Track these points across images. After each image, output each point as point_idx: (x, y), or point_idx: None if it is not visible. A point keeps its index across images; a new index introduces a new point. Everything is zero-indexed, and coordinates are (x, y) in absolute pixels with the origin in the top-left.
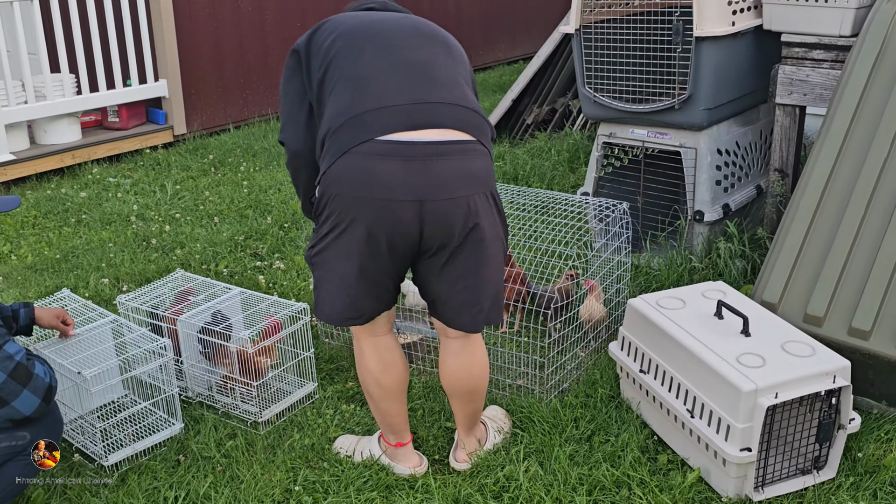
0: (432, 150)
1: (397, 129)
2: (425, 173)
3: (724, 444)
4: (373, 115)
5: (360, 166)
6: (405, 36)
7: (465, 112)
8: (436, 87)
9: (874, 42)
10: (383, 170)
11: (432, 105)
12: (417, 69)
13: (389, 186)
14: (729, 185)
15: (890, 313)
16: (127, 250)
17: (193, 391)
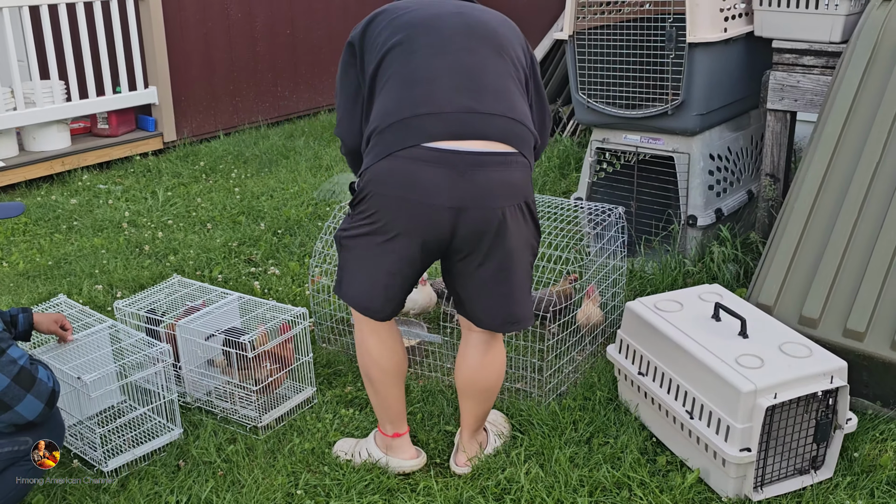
0: (475, 160)
1: (444, 138)
2: (466, 182)
3: (724, 444)
4: (421, 120)
5: (403, 169)
6: (460, 36)
7: (512, 124)
8: (486, 96)
9: (865, 49)
10: (426, 175)
11: (481, 116)
12: (468, 75)
13: (430, 191)
14: (721, 189)
15: (884, 315)
16: (120, 257)
17: (192, 396)
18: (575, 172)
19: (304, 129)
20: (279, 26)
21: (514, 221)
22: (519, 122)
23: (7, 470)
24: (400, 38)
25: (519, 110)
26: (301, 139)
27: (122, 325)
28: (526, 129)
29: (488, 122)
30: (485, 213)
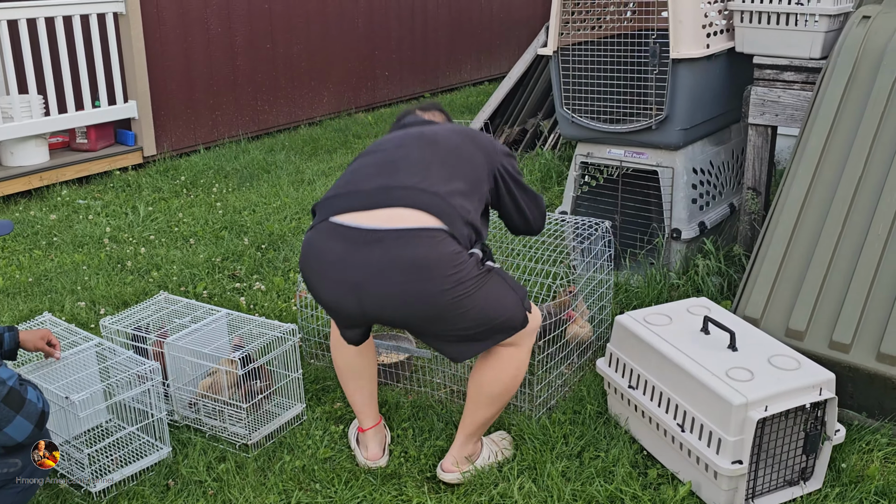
0: (372, 236)
1: (349, 211)
2: (362, 259)
3: (715, 457)
4: (335, 199)
5: (315, 241)
6: (400, 139)
7: (422, 194)
8: (400, 173)
9: (845, 65)
10: (330, 249)
11: (389, 189)
12: (390, 161)
13: (333, 265)
14: (704, 203)
15: (869, 327)
16: (102, 273)
17: (180, 414)
18: (556, 186)
19: (285, 143)
20: (259, 41)
21: (432, 297)
22: (431, 192)
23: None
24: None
25: (435, 183)
26: (282, 153)
27: (109, 343)
28: (438, 198)
29: (395, 194)
30: (383, 294)
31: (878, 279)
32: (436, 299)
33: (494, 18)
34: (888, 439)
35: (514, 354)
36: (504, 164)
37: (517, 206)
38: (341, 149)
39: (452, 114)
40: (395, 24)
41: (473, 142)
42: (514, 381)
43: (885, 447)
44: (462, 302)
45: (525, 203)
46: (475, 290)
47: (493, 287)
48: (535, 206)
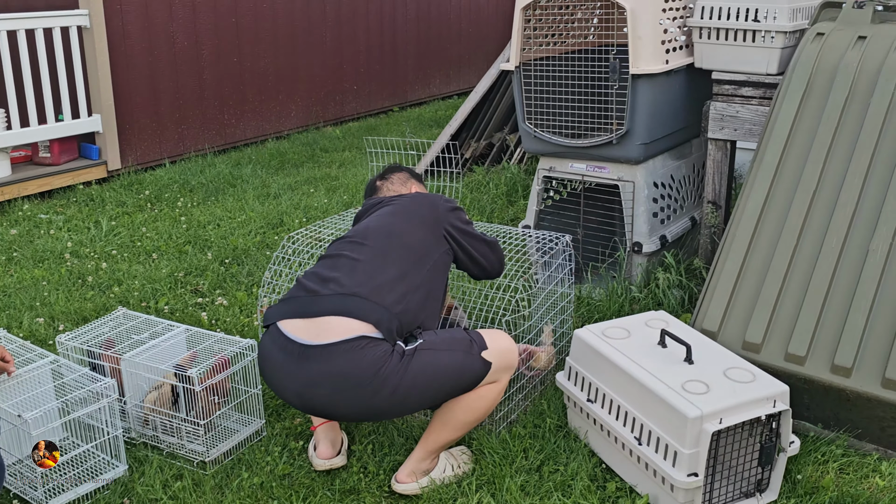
0: (304, 352)
1: (285, 317)
2: (297, 371)
3: (671, 469)
4: (285, 303)
5: (265, 346)
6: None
7: (353, 301)
8: (333, 281)
9: (800, 81)
10: (274, 357)
11: (321, 297)
12: (332, 267)
13: (276, 372)
14: (665, 216)
15: (823, 339)
16: (62, 288)
17: (137, 431)
18: (522, 199)
19: (251, 156)
20: (226, 54)
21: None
22: (360, 296)
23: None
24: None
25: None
26: (248, 167)
27: (65, 360)
28: (365, 301)
29: (328, 301)
30: (321, 401)
31: (832, 292)
32: (369, 402)
33: (463, 33)
34: (843, 450)
35: (491, 388)
36: (451, 221)
37: (471, 257)
38: (308, 162)
39: (421, 128)
40: (363, 38)
41: (410, 217)
42: (488, 410)
43: (840, 458)
44: (394, 395)
45: (479, 252)
46: (401, 380)
47: (420, 366)
48: (491, 252)
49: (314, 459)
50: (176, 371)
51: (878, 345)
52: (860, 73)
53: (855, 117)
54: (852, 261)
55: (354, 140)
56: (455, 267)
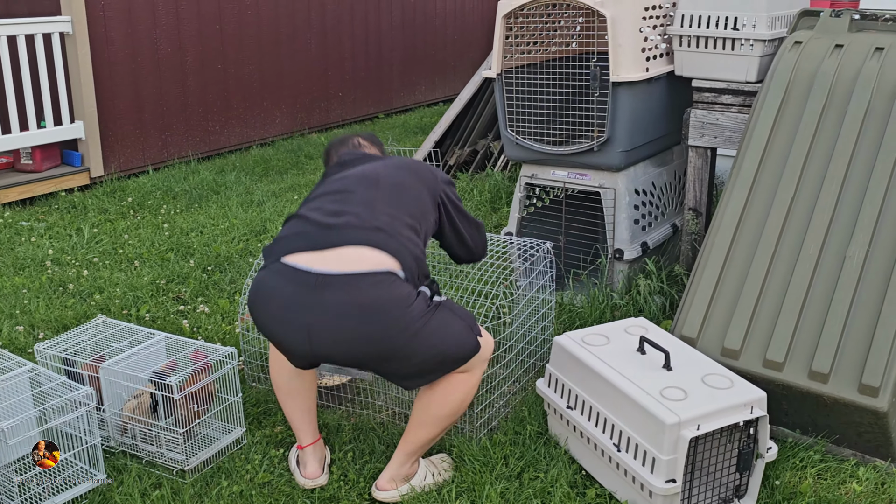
0: (322, 280)
1: (301, 251)
2: (313, 302)
3: (650, 476)
4: (288, 239)
5: (266, 281)
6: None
7: (367, 234)
8: (346, 215)
9: (778, 89)
10: (281, 290)
11: (335, 229)
12: (341, 201)
13: (283, 307)
14: (646, 223)
15: (801, 345)
16: (42, 296)
17: (116, 440)
18: (506, 206)
19: (236, 163)
20: (210, 61)
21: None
22: (381, 229)
23: None
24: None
25: (383, 219)
26: (232, 174)
27: (43, 369)
28: (387, 235)
29: (343, 233)
30: (333, 336)
31: (809, 299)
32: (385, 341)
33: (449, 40)
34: (821, 456)
35: (465, 379)
36: (446, 191)
37: (458, 234)
38: (293, 169)
39: (406, 135)
40: (348, 45)
41: (415, 174)
42: (462, 404)
43: (818, 464)
44: (412, 340)
45: (466, 231)
46: (423, 326)
47: (441, 321)
48: (477, 233)
49: (300, 479)
50: (154, 379)
51: (855, 351)
52: (837, 82)
53: (832, 125)
54: (829, 267)
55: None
56: (439, 244)
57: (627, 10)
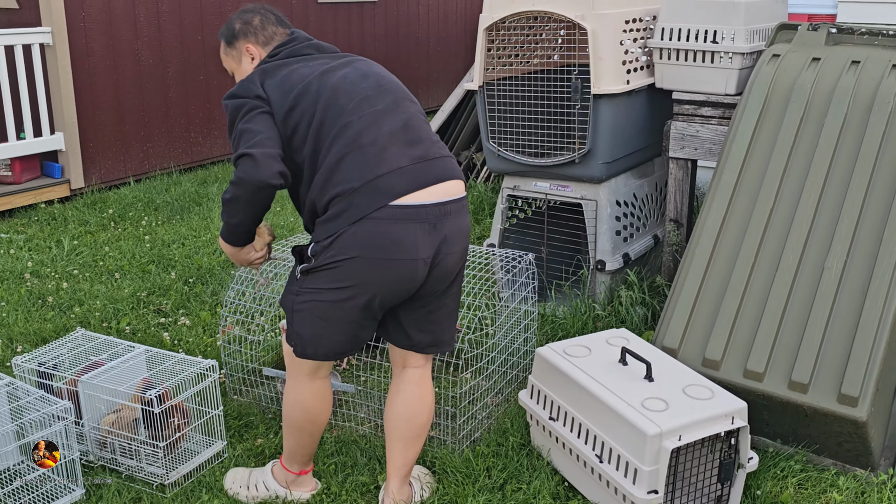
0: (441, 210)
1: (408, 192)
2: (438, 233)
3: (632, 487)
4: (384, 179)
5: (378, 231)
6: (377, 95)
7: (453, 162)
8: (425, 143)
9: (757, 101)
10: (403, 233)
11: (430, 162)
12: (405, 129)
13: (408, 248)
14: (628, 235)
15: (780, 355)
16: (21, 309)
17: (95, 454)
18: (489, 218)
19: (218, 175)
20: (192, 72)
21: (464, 258)
22: (454, 158)
23: None
24: (324, 104)
25: (447, 148)
26: (214, 185)
27: (21, 383)
28: (456, 163)
29: (439, 165)
30: (452, 259)
31: (788, 309)
32: (464, 260)
33: (432, 51)
34: (801, 465)
35: (428, 381)
36: None
37: None
38: None
39: None
40: None
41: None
42: (433, 407)
43: (799, 473)
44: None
45: None
46: None
47: None
48: None
49: (304, 496)
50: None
51: (834, 361)
52: (814, 94)
53: (809, 137)
54: (808, 278)
55: None
56: None
57: (608, 23)
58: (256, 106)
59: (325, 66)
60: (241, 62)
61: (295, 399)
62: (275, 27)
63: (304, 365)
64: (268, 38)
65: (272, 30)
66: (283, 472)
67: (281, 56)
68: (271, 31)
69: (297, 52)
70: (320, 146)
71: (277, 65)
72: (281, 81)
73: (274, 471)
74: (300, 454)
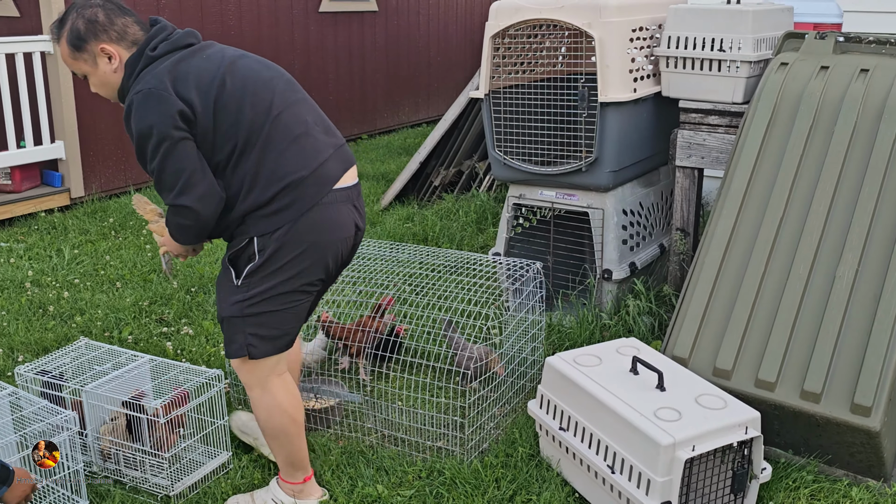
0: (356, 191)
1: (340, 176)
2: (357, 212)
3: (644, 497)
4: (325, 167)
5: (327, 215)
6: (287, 85)
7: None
8: (333, 129)
9: (765, 110)
10: (342, 214)
11: (343, 147)
12: (320, 118)
13: (345, 227)
14: (634, 244)
15: (792, 365)
16: (22, 318)
17: (99, 465)
18: (492, 227)
19: None
20: None
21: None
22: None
23: None
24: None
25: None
26: None
27: (24, 393)
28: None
29: (347, 151)
30: (361, 237)
31: (800, 318)
32: None
33: (433, 62)
34: (814, 476)
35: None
36: None
37: None
38: None
39: (390, 155)
40: (332, 66)
41: None
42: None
43: (811, 484)
44: None
45: None
46: None
47: None
48: None
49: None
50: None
51: (847, 370)
52: (823, 103)
53: (819, 145)
54: (820, 287)
55: None
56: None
57: (615, 31)
58: (171, 136)
59: (221, 57)
60: (97, 65)
61: (269, 405)
62: (122, 17)
63: (264, 367)
64: (121, 33)
65: (121, 22)
66: (287, 486)
67: (163, 50)
68: (121, 23)
69: (180, 43)
70: (252, 141)
71: (173, 63)
72: (195, 82)
73: (279, 487)
74: (297, 459)
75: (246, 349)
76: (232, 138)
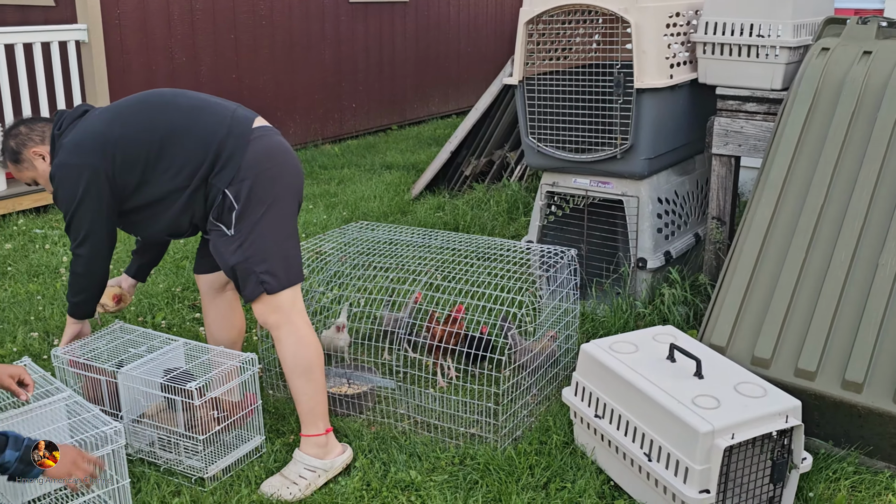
0: (277, 131)
1: (253, 118)
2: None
3: (682, 486)
4: (236, 114)
5: (268, 143)
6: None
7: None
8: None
9: (806, 96)
10: (278, 141)
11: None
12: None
13: (289, 150)
14: (669, 232)
15: (833, 354)
16: (56, 303)
17: (133, 447)
18: (523, 217)
19: None
20: (224, 71)
21: None
22: None
23: None
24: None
25: None
26: None
27: (79, 398)
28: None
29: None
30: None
31: (841, 307)
32: None
33: (462, 53)
34: (854, 467)
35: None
36: None
37: None
38: (307, 179)
39: (420, 146)
40: (362, 56)
41: None
42: None
43: (852, 475)
44: None
45: None
46: None
47: None
48: None
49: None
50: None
51: (889, 360)
52: (866, 88)
53: (862, 132)
54: (862, 275)
55: (353, 157)
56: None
57: (652, 16)
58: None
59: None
60: (36, 167)
61: (297, 340)
62: (39, 125)
63: (284, 302)
64: (42, 135)
65: (39, 127)
66: (311, 443)
67: (66, 124)
68: (39, 128)
69: (74, 114)
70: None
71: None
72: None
73: (306, 449)
74: (319, 405)
75: (262, 287)
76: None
